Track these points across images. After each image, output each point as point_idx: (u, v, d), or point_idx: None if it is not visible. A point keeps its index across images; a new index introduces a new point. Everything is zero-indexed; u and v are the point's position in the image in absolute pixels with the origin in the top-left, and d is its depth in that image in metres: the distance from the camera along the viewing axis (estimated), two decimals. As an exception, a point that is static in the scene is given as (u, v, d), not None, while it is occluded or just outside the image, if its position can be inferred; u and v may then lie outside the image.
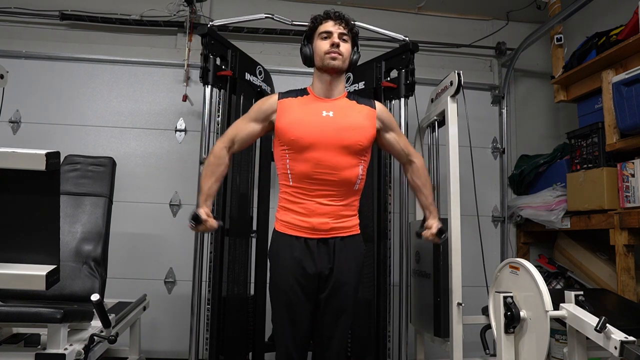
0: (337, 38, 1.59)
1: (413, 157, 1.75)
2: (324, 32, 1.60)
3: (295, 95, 1.67)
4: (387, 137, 1.72)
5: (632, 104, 2.17)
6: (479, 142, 3.10)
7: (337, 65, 1.59)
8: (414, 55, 2.35)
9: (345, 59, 1.61)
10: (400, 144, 1.74)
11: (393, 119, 1.75)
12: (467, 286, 2.29)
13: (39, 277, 1.13)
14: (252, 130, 1.66)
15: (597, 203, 2.36)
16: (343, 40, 1.61)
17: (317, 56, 1.62)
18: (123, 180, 2.81)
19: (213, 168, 1.64)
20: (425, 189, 1.75)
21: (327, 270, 1.57)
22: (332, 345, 1.61)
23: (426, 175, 1.77)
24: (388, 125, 1.71)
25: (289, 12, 2.87)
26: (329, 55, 1.58)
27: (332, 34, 1.59)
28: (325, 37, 1.60)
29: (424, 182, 1.75)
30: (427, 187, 1.76)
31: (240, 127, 1.68)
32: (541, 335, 1.56)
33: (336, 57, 1.58)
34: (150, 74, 3.05)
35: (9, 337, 1.97)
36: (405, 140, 1.78)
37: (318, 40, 1.62)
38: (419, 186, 1.75)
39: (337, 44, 1.58)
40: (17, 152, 1.11)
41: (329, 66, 1.59)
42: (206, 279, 2.24)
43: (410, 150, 1.76)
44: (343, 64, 1.61)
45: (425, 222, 1.72)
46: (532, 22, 3.25)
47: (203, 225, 1.55)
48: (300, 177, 1.57)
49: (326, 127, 1.57)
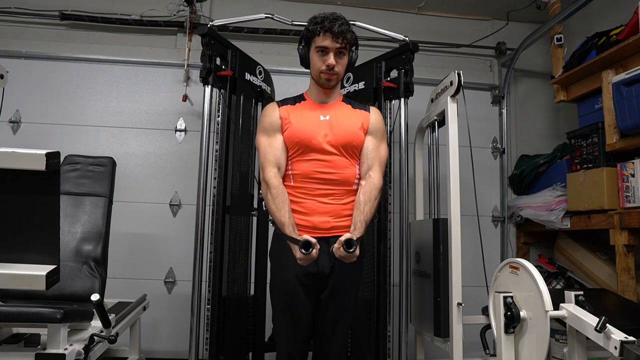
0: (332, 58, 1.59)
1: (373, 172, 1.65)
2: (321, 46, 1.60)
3: (293, 102, 1.72)
4: (366, 139, 1.68)
5: (632, 104, 2.17)
6: (479, 142, 3.10)
7: (331, 85, 1.68)
8: (414, 55, 2.35)
9: (340, 75, 1.67)
10: (370, 152, 1.66)
11: (381, 128, 1.72)
12: (467, 286, 2.29)
13: (39, 277, 1.13)
14: (281, 143, 1.65)
15: (597, 203, 2.36)
16: (339, 55, 1.62)
17: (313, 70, 1.67)
18: (123, 180, 2.81)
19: (281, 198, 1.57)
20: (366, 206, 1.59)
21: (328, 269, 1.58)
22: (332, 344, 1.62)
23: (375, 196, 1.62)
24: (373, 130, 1.70)
25: (289, 12, 2.87)
26: (324, 75, 1.64)
27: (328, 51, 1.60)
28: (322, 52, 1.61)
29: (367, 200, 1.60)
30: (368, 205, 1.59)
31: (274, 147, 1.64)
32: (541, 335, 1.56)
33: (330, 79, 1.65)
34: (150, 74, 3.05)
35: (9, 337, 1.97)
36: (378, 154, 1.68)
37: (314, 53, 1.63)
38: (360, 202, 1.60)
39: (332, 65, 1.60)
40: (17, 152, 1.11)
41: (324, 85, 1.67)
42: (206, 279, 2.24)
43: (375, 165, 1.66)
44: (337, 81, 1.68)
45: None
46: (532, 22, 3.25)
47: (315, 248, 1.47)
48: (301, 177, 1.61)
49: (324, 129, 1.63)
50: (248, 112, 2.46)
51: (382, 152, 1.70)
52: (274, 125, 1.66)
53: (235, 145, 2.34)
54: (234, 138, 2.33)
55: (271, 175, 1.60)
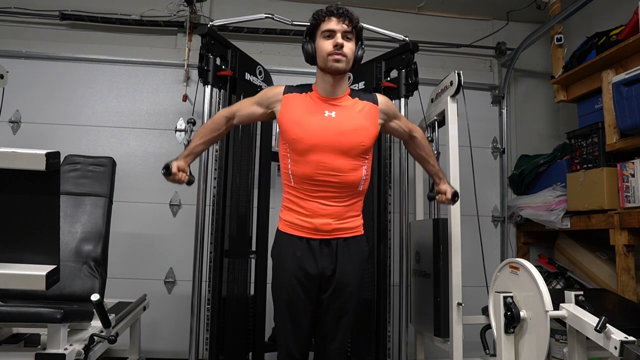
0: (340, 38, 1.53)
1: (414, 132, 1.80)
2: (326, 30, 1.54)
3: (301, 91, 1.65)
4: (392, 126, 1.75)
5: (632, 104, 2.17)
6: (479, 142, 3.10)
7: (340, 68, 1.55)
8: (414, 55, 2.35)
9: (350, 59, 1.56)
10: (403, 127, 1.78)
11: (394, 107, 1.76)
12: (467, 286, 2.29)
13: (39, 277, 1.13)
14: (253, 112, 1.70)
15: (597, 203, 2.36)
16: (347, 38, 1.55)
17: (320, 56, 1.57)
18: (123, 180, 2.81)
19: (207, 131, 1.71)
20: (431, 158, 1.84)
21: (330, 271, 1.57)
22: (333, 345, 1.60)
23: (428, 145, 1.85)
24: (391, 115, 1.73)
25: (289, 12, 2.87)
26: (332, 57, 1.53)
27: (335, 33, 1.53)
28: (328, 36, 1.54)
29: (428, 153, 1.83)
30: (431, 156, 1.85)
31: (244, 105, 1.73)
32: (541, 335, 1.56)
33: (340, 60, 1.53)
34: (150, 74, 3.05)
35: (9, 337, 1.97)
36: (405, 120, 1.81)
37: (320, 38, 1.56)
38: (424, 157, 1.83)
39: (341, 44, 1.52)
40: (17, 152, 1.11)
41: (332, 68, 1.55)
42: (206, 279, 2.24)
43: (411, 126, 1.80)
44: (347, 65, 1.56)
45: (437, 187, 1.86)
46: (532, 22, 3.25)
47: (172, 177, 1.60)
48: (302, 178, 1.56)
49: (328, 129, 1.55)
50: (248, 112, 2.45)
51: (405, 120, 1.82)
52: (263, 98, 1.68)
53: (235, 145, 2.34)
54: (233, 138, 2.33)
55: (219, 114, 1.73)
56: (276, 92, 1.66)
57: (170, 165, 1.59)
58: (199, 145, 1.70)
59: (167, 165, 1.60)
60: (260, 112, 1.69)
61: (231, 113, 1.71)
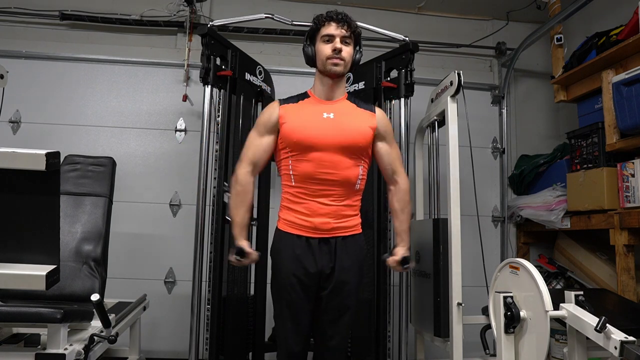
0: (339, 43, 1.59)
1: (398, 177, 1.72)
2: (326, 35, 1.61)
3: (296, 100, 1.69)
4: (379, 146, 1.69)
5: (632, 104, 2.17)
6: (479, 142, 3.10)
7: (338, 71, 1.61)
8: (414, 55, 2.35)
9: (347, 63, 1.63)
10: (389, 156, 1.70)
11: (390, 129, 1.73)
12: (467, 286, 2.29)
13: (39, 277, 1.13)
14: (267, 145, 1.65)
15: (597, 203, 2.36)
16: (345, 43, 1.61)
17: (319, 60, 1.63)
18: (123, 180, 2.81)
19: (242, 197, 1.63)
20: (403, 214, 1.72)
21: (329, 269, 1.59)
22: (332, 344, 1.62)
23: (407, 200, 1.73)
24: (383, 133, 1.69)
25: (289, 12, 2.88)
26: (330, 61, 1.60)
27: (334, 38, 1.60)
28: (327, 41, 1.61)
29: (402, 207, 1.71)
30: (405, 212, 1.72)
31: (255, 146, 1.66)
32: (541, 335, 1.56)
33: (338, 63, 1.60)
34: (150, 74, 3.05)
35: (9, 337, 1.97)
36: (396, 154, 1.73)
37: (320, 43, 1.62)
38: (397, 210, 1.72)
39: (340, 49, 1.59)
40: (17, 152, 1.11)
41: (330, 71, 1.62)
42: (206, 279, 2.24)
43: (398, 168, 1.72)
44: (345, 68, 1.63)
45: (394, 249, 1.71)
46: (532, 22, 3.25)
47: (247, 259, 1.57)
48: (303, 177, 1.59)
49: (327, 128, 1.60)
50: (248, 112, 2.46)
51: (397, 151, 1.75)
52: (267, 125, 1.65)
53: (235, 145, 2.33)
54: (234, 138, 2.33)
55: (242, 172, 1.64)
56: (271, 111, 1.67)
57: (243, 248, 1.56)
58: (244, 215, 1.63)
59: (241, 249, 1.56)
60: (272, 140, 1.65)
61: (250, 164, 1.65)
